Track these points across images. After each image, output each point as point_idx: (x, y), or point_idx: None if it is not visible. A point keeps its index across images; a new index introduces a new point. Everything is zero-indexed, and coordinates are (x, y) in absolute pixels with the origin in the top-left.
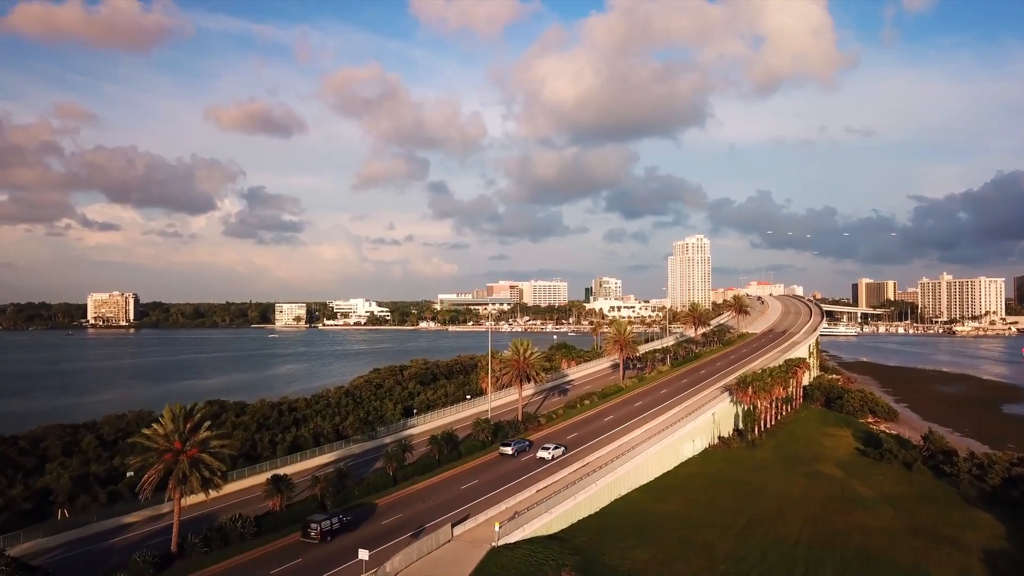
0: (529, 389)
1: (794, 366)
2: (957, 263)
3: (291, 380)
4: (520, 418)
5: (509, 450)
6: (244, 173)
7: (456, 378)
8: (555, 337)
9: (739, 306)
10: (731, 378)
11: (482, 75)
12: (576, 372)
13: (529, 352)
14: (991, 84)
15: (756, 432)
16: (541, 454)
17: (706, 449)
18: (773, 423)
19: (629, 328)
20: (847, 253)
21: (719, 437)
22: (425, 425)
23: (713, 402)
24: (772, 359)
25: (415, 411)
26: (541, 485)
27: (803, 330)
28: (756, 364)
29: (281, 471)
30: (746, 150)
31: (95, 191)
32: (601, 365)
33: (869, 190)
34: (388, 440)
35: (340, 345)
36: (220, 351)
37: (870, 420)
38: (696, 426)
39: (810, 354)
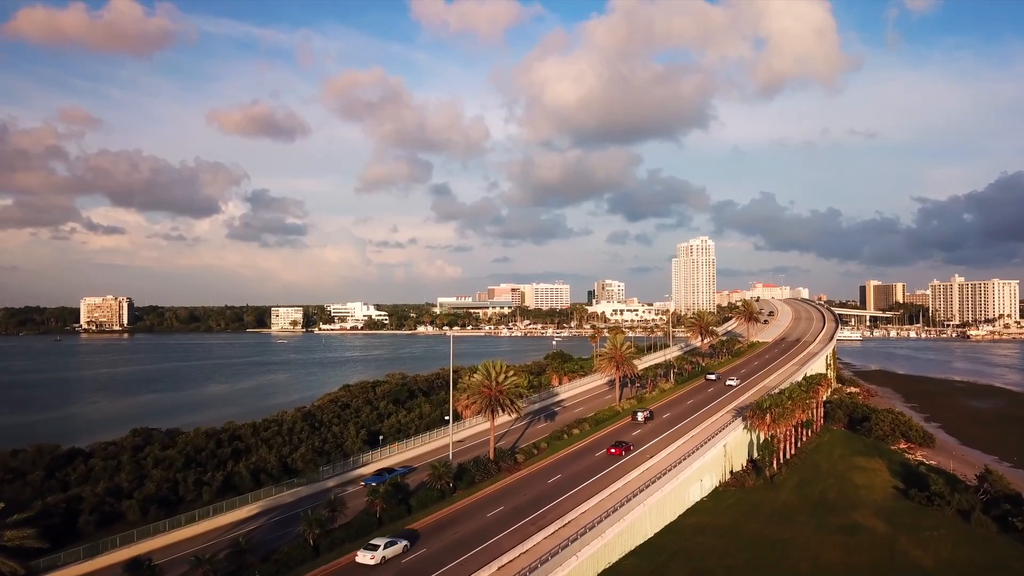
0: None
1: (815, 384)
2: (962, 265)
3: (265, 394)
4: (492, 456)
5: (369, 558)
6: (248, 176)
7: (436, 395)
8: (554, 343)
9: (748, 313)
10: (743, 397)
11: (484, 78)
12: (568, 390)
13: (503, 376)
14: (994, 85)
15: (775, 465)
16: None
17: (716, 489)
18: (793, 452)
19: (628, 340)
20: (851, 255)
21: (731, 472)
22: (382, 461)
23: (724, 431)
24: (788, 374)
25: (381, 437)
26: (505, 560)
27: (818, 339)
28: (771, 380)
29: (181, 533)
30: (749, 152)
31: (99, 195)
32: (596, 382)
33: (873, 192)
34: (332, 483)
35: (332, 352)
36: (206, 358)
37: (903, 446)
38: (705, 462)
39: (828, 366)
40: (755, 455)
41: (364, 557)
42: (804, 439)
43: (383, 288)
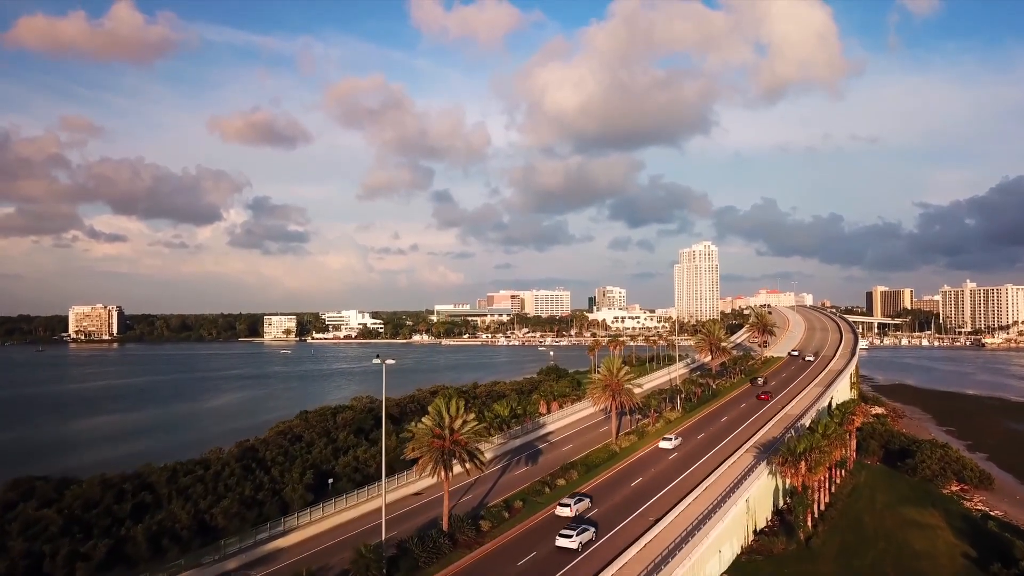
0: (487, 453)
1: (849, 413)
2: (965, 270)
3: (229, 414)
4: (446, 525)
5: None
6: (250, 184)
7: (408, 421)
8: (551, 353)
9: (763, 325)
10: (765, 430)
11: (485, 85)
12: (557, 419)
13: (460, 422)
14: (996, 88)
15: (809, 522)
16: None
17: (739, 559)
18: (827, 500)
19: (629, 350)
20: (854, 260)
21: (755, 532)
22: (307, 529)
23: (747, 482)
24: (813, 398)
25: (331, 481)
26: None
27: (839, 353)
28: (794, 406)
29: None
30: (751, 158)
31: (101, 203)
32: (591, 408)
33: (875, 197)
34: (232, 566)
35: (319, 364)
36: (186, 371)
37: (955, 488)
38: (725, 526)
39: (852, 385)
40: (781, 503)
41: None
42: (838, 480)
43: (385, 295)
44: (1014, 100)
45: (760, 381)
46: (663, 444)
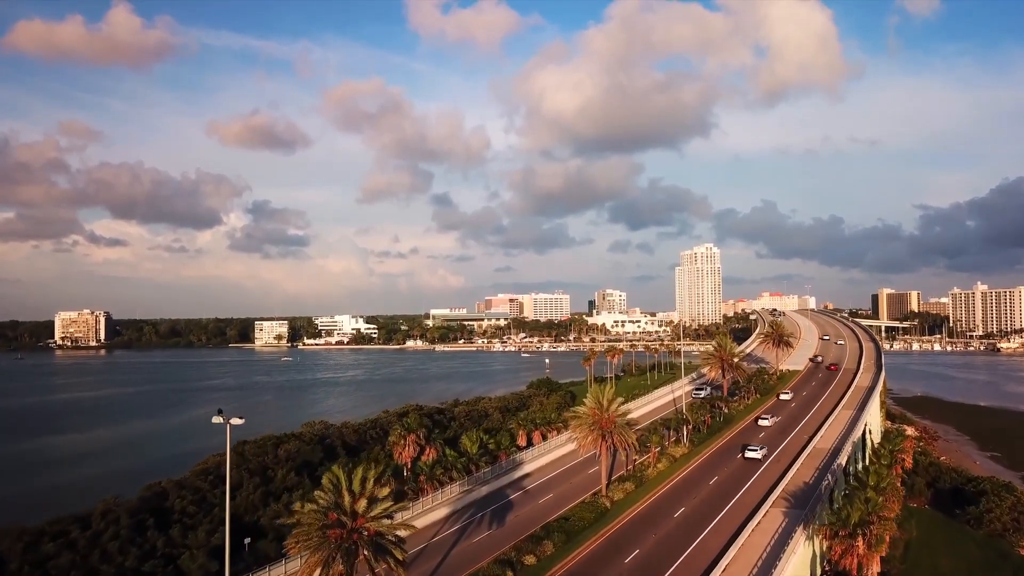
0: (443, 507)
1: (897, 451)
2: (966, 271)
3: (169, 440)
4: None
5: None
6: (250, 188)
7: (370, 449)
8: (547, 361)
9: (778, 335)
10: (794, 470)
11: (484, 88)
12: (537, 456)
13: (364, 503)
14: (995, 91)
15: None
16: None
17: None
18: (879, 570)
19: (629, 357)
20: (854, 262)
21: None
22: None
23: (780, 563)
24: (844, 425)
25: (248, 540)
26: None
27: (862, 365)
28: (823, 436)
29: None
30: (751, 160)
31: (101, 207)
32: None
33: (875, 199)
34: None
35: (304, 373)
36: (162, 381)
37: None
38: None
39: (881, 403)
40: (819, 572)
41: None
42: (887, 539)
43: (385, 298)
44: (1013, 102)
45: (819, 360)
46: None
